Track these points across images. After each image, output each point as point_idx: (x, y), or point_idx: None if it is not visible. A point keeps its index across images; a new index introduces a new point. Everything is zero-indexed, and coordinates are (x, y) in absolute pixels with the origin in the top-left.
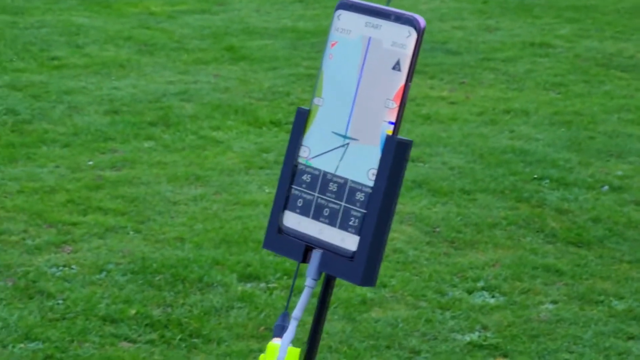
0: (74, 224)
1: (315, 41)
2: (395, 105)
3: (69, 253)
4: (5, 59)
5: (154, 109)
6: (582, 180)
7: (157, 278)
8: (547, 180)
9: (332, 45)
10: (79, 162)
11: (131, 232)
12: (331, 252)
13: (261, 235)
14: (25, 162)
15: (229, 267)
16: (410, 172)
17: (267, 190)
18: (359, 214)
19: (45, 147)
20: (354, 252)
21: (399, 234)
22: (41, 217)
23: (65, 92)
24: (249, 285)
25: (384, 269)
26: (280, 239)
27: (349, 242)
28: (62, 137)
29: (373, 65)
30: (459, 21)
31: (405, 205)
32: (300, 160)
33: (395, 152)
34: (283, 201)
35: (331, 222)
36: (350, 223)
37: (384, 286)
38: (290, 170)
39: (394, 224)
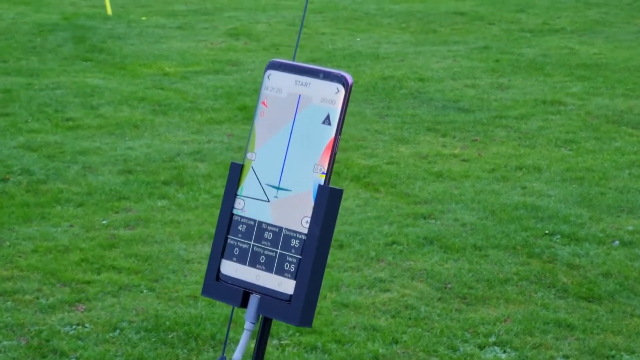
0: (88, 283)
1: None
2: (326, 157)
3: (82, 311)
4: (20, 120)
5: (167, 169)
6: (593, 235)
7: (171, 335)
8: (559, 236)
9: (263, 103)
10: (93, 222)
11: (145, 290)
12: (268, 296)
13: None
14: (39, 221)
15: (241, 324)
16: (422, 229)
17: None
18: (294, 260)
19: (60, 206)
20: (291, 296)
21: (410, 290)
22: (55, 276)
23: (80, 152)
24: None
25: (396, 325)
26: (218, 286)
27: (286, 286)
28: (76, 197)
29: (304, 120)
30: (471, 79)
31: (416, 261)
32: (235, 212)
33: (328, 200)
34: (220, 250)
35: (267, 268)
36: (287, 268)
37: (396, 342)
38: (227, 221)
39: (406, 280)
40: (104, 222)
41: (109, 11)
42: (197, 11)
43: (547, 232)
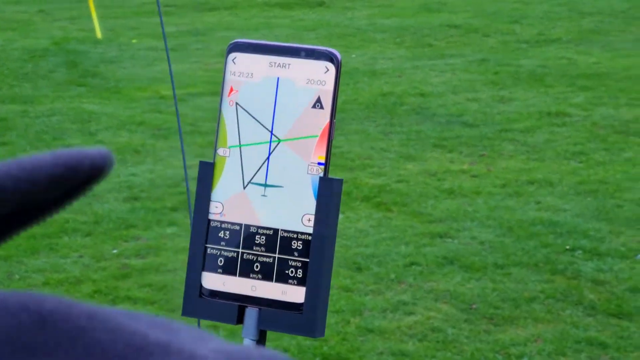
0: None
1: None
2: (323, 145)
3: None
4: (18, 149)
5: (173, 194)
6: (615, 249)
7: None
8: (580, 251)
9: (231, 91)
10: (103, 251)
11: None
12: (271, 308)
13: None
14: (47, 252)
15: None
16: (440, 248)
17: None
18: (299, 264)
19: (67, 237)
20: (301, 304)
21: (435, 312)
22: None
23: None
24: None
25: (425, 349)
26: (203, 304)
27: (292, 294)
28: (83, 226)
29: (288, 106)
30: (472, 93)
31: (438, 282)
32: (212, 217)
33: (332, 194)
34: (200, 263)
35: (265, 276)
36: (291, 274)
37: None
38: (204, 230)
39: (430, 302)
40: (114, 251)
41: (99, 34)
42: (188, 32)
43: (567, 247)
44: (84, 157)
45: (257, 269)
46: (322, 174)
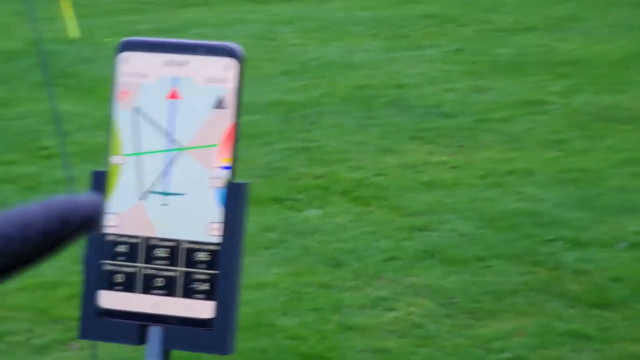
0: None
1: (307, 112)
2: (227, 148)
3: (77, 350)
4: None
5: None
6: (598, 238)
7: None
8: (562, 241)
9: (124, 94)
10: (80, 254)
11: None
12: (176, 325)
13: (274, 318)
14: None
15: (243, 354)
16: (420, 241)
17: (275, 271)
18: (206, 277)
19: None
20: (209, 320)
21: (415, 308)
22: (46, 314)
23: (58, 182)
24: None
25: (406, 346)
26: (102, 324)
27: (200, 309)
28: None
29: (187, 107)
30: (449, 83)
31: (418, 277)
32: (107, 230)
33: (239, 199)
34: (96, 280)
35: (169, 292)
36: (197, 288)
37: None
38: (98, 245)
39: (411, 297)
40: None
41: (74, 34)
42: (162, 29)
43: (549, 238)
44: (76, 208)
45: (160, 284)
46: (227, 179)
